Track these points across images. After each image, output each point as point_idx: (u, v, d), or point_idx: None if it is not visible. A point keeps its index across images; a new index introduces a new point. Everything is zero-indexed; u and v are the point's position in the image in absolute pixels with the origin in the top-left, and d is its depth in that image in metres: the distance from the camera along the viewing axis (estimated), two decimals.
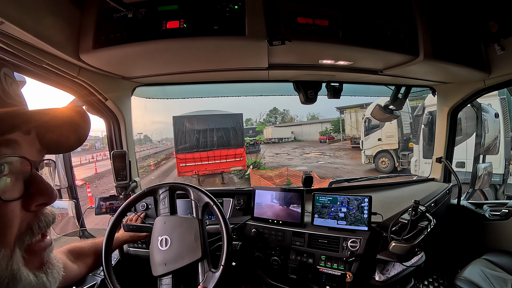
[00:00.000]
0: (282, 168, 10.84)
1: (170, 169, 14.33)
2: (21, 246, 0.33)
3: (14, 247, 0.32)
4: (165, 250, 0.98)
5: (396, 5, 1.15)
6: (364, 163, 10.67)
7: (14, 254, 0.32)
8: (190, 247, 0.97)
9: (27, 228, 0.34)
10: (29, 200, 0.34)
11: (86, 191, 8.10)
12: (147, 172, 13.88)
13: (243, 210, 1.50)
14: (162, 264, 0.96)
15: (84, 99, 1.33)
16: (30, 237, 0.35)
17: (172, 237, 1.00)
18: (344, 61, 1.26)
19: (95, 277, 1.25)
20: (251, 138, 22.48)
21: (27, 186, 0.34)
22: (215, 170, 10.28)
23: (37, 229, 0.36)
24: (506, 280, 1.47)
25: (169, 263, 0.96)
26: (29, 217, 0.35)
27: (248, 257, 1.31)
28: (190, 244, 0.97)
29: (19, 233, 0.33)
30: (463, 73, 1.46)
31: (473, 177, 2.07)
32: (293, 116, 55.89)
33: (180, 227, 1.02)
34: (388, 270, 1.24)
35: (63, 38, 0.91)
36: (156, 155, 22.26)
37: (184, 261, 0.95)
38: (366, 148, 9.89)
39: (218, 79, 1.56)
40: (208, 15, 0.94)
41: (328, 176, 9.84)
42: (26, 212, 0.34)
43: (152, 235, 1.05)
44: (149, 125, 45.55)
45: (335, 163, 13.78)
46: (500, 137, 4.42)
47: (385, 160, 9.68)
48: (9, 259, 0.31)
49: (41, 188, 0.35)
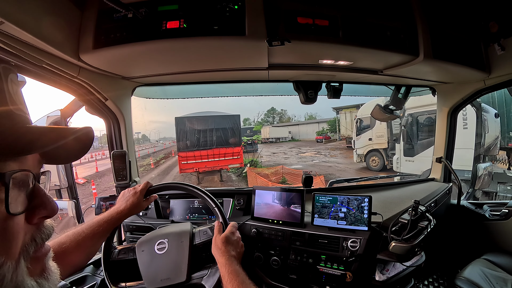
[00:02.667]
0: (277, 166, 11.40)
1: (170, 168, 14.85)
2: (26, 257, 0.34)
3: (19, 259, 0.33)
4: (160, 255, 0.99)
5: (396, 5, 1.15)
6: (355, 162, 11.18)
7: (19, 266, 0.32)
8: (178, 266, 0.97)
9: (31, 239, 0.35)
10: (32, 213, 0.35)
11: (90, 188, 8.29)
12: (147, 171, 14.22)
13: (243, 210, 1.50)
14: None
15: (84, 99, 1.33)
16: (34, 248, 0.36)
17: (170, 244, 1.00)
18: (344, 61, 1.26)
19: (95, 277, 1.25)
20: (249, 137, 22.85)
21: (30, 199, 0.34)
22: (214, 167, 10.88)
23: (40, 240, 0.37)
24: (506, 280, 1.47)
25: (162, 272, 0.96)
26: (32, 229, 0.35)
27: (248, 257, 1.31)
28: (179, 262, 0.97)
29: (24, 244, 0.34)
30: (463, 73, 1.46)
31: (473, 177, 2.07)
32: (291, 116, 56.12)
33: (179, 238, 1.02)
34: (388, 270, 1.24)
35: (63, 38, 0.91)
36: (155, 154, 22.69)
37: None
38: (357, 147, 10.38)
39: (218, 79, 1.56)
40: (208, 15, 0.94)
41: (321, 173, 10.23)
42: (28, 225, 0.35)
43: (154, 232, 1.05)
44: (147, 125, 45.71)
45: (328, 162, 14.31)
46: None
47: (376, 159, 10.21)
48: (14, 271, 0.31)
49: (44, 201, 0.36)
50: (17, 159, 0.33)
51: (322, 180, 7.08)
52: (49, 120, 1.44)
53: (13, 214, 0.31)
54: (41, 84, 1.08)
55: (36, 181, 0.36)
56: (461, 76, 1.58)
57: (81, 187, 9.80)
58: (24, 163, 0.34)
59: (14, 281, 0.31)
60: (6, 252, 0.31)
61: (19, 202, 0.33)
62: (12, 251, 0.32)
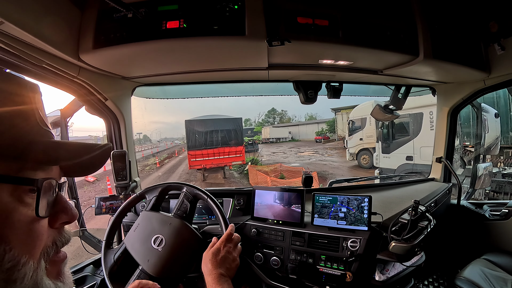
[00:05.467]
0: (276, 164, 12.71)
1: (175, 167, 15.93)
2: (46, 259, 0.37)
3: (40, 259, 0.36)
4: (158, 249, 0.99)
5: (396, 5, 1.15)
6: (348, 160, 12.11)
7: (39, 266, 0.35)
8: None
9: (52, 243, 0.38)
10: (54, 218, 0.39)
11: (105, 184, 9.22)
12: (153, 170, 15.23)
13: (243, 210, 1.50)
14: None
15: (84, 99, 1.33)
16: (55, 251, 0.39)
17: (168, 240, 1.00)
18: (344, 61, 1.26)
19: (95, 277, 1.25)
20: (250, 138, 23.96)
21: (53, 205, 0.38)
22: (219, 164, 12.34)
23: (60, 244, 0.40)
24: (506, 280, 1.47)
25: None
26: (53, 233, 0.39)
27: (248, 257, 1.31)
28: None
29: (45, 246, 0.37)
30: (463, 73, 1.46)
31: (473, 177, 2.07)
32: (291, 117, 56.30)
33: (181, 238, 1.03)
34: (388, 270, 1.24)
35: (63, 38, 0.91)
36: (158, 154, 23.77)
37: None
38: (350, 146, 11.29)
39: (218, 79, 1.56)
40: (208, 15, 0.94)
41: (316, 170, 11.28)
42: (51, 229, 0.38)
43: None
44: (147, 125, 46.14)
45: (324, 161, 15.46)
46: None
47: (366, 157, 11.09)
48: (34, 270, 0.34)
49: (65, 207, 0.40)
50: (45, 168, 0.37)
51: (315, 176, 7.80)
52: (49, 120, 1.43)
53: (41, 217, 0.35)
54: (41, 84, 1.08)
55: (59, 189, 0.39)
56: (461, 76, 1.58)
57: (91, 185, 10.89)
58: (50, 173, 0.38)
59: (34, 279, 0.34)
60: (30, 252, 0.34)
61: (45, 207, 0.36)
62: (35, 251, 0.35)
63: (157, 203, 1.14)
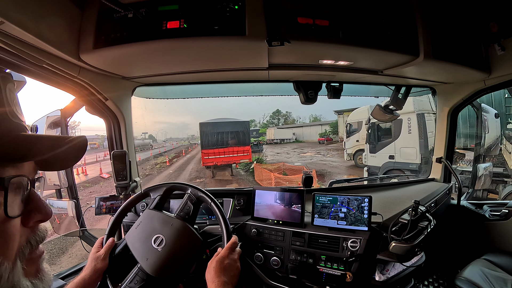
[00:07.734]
0: (279, 163, 14.18)
1: (184, 165, 17.28)
2: (22, 258, 0.36)
3: (15, 260, 0.34)
4: (158, 249, 0.98)
5: (396, 5, 1.15)
6: (346, 160, 13.10)
7: (15, 266, 0.34)
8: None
9: (26, 242, 0.37)
10: (27, 217, 0.37)
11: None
12: (164, 168, 16.60)
13: (243, 210, 1.50)
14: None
15: (84, 99, 1.33)
16: (29, 250, 0.37)
17: (168, 241, 1.00)
18: (344, 61, 1.26)
19: None
20: (255, 139, 25.32)
21: (26, 204, 0.36)
22: (229, 161, 13.97)
23: (35, 243, 0.39)
24: (506, 280, 1.47)
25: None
26: (27, 232, 0.38)
27: (248, 257, 1.31)
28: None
29: (19, 246, 0.36)
30: (463, 73, 1.46)
31: (473, 177, 2.07)
32: (296, 118, 56.50)
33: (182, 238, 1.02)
34: (388, 270, 1.24)
35: (64, 38, 0.91)
36: (165, 153, 25.48)
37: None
38: (347, 147, 12.05)
39: (218, 79, 1.56)
40: (208, 15, 0.94)
41: (315, 168, 12.33)
42: (24, 228, 0.37)
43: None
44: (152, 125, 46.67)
45: (324, 161, 16.66)
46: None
47: (362, 158, 11.82)
48: (11, 271, 0.33)
49: (39, 205, 0.38)
50: (15, 165, 0.34)
51: (314, 174, 9.39)
52: (49, 120, 1.43)
53: (11, 217, 0.33)
54: (41, 84, 1.08)
55: (31, 186, 0.37)
56: (461, 76, 1.58)
57: (107, 181, 11.65)
58: (21, 169, 0.35)
59: (10, 281, 0.32)
60: (4, 253, 0.32)
61: (16, 205, 0.34)
62: (9, 252, 0.33)
63: (161, 202, 1.14)
